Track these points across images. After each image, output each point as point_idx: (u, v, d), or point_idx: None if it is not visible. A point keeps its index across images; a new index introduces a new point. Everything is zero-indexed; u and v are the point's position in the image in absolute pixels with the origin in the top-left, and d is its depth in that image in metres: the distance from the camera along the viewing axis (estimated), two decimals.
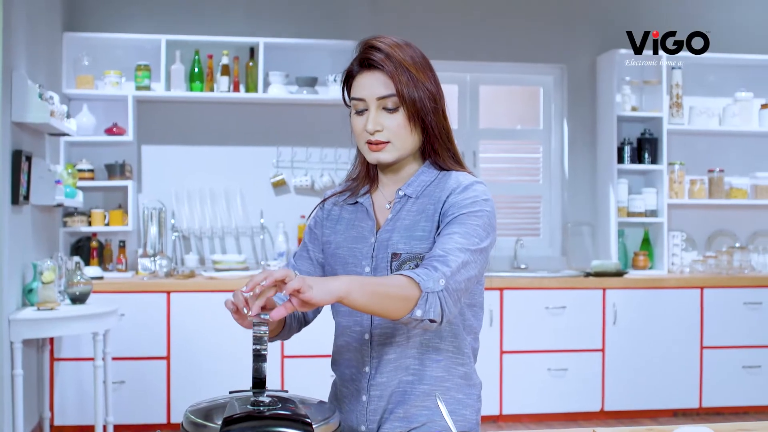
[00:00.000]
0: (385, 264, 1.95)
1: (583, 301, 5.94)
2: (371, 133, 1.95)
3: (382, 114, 1.94)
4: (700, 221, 6.75)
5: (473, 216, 1.90)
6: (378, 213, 2.05)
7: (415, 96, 1.93)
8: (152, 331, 5.51)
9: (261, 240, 6.27)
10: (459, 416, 2.01)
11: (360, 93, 1.96)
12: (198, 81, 6.02)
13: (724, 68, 6.71)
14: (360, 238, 2.03)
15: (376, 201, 2.07)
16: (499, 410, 5.82)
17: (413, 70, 1.93)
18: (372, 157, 1.99)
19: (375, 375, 1.99)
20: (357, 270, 2.00)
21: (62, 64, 5.87)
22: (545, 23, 6.60)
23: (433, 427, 1.98)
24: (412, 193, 2.01)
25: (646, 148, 6.44)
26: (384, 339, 1.97)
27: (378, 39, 1.97)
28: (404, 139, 1.96)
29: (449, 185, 1.98)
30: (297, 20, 6.31)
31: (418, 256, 1.92)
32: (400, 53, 1.94)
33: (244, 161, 6.30)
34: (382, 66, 1.92)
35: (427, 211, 1.98)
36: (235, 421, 1.53)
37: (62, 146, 5.82)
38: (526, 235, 6.72)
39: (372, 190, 2.09)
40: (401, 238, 1.96)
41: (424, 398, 1.98)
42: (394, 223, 2.00)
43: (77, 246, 6.01)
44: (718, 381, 6.06)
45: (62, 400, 5.46)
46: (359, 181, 2.10)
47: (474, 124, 6.65)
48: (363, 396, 2.00)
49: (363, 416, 2.01)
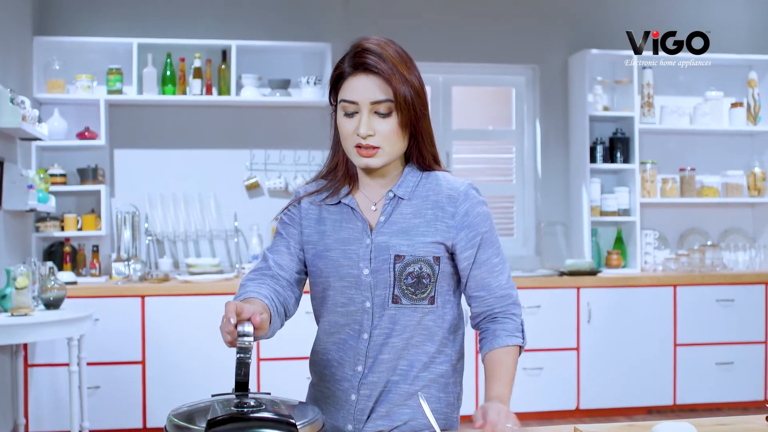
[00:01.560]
0: (387, 266, 1.97)
1: (557, 300, 5.97)
2: (363, 138, 1.94)
3: (374, 118, 1.93)
4: (672, 220, 6.80)
5: (491, 228, 2.07)
6: (365, 214, 2.04)
7: (409, 99, 1.93)
8: (127, 336, 5.48)
9: (235, 243, 6.25)
10: (440, 414, 2.03)
11: (352, 96, 1.93)
12: (170, 84, 6.00)
13: (695, 68, 6.75)
14: (353, 240, 2.02)
15: (360, 202, 2.06)
16: (475, 409, 5.82)
17: (404, 69, 1.94)
18: (361, 162, 1.97)
19: (368, 374, 2.00)
20: (353, 272, 1.99)
21: (33, 68, 5.83)
22: (517, 24, 6.63)
23: (416, 426, 2.00)
24: (403, 195, 2.02)
25: (618, 147, 6.48)
26: (382, 339, 1.99)
27: (367, 40, 1.96)
28: (394, 144, 1.96)
29: (443, 190, 2.03)
30: (269, 22, 6.30)
31: (421, 259, 1.97)
32: (391, 52, 1.95)
33: (217, 164, 6.28)
34: (378, 70, 1.91)
35: (425, 215, 2.01)
36: (219, 423, 1.52)
37: (34, 151, 5.77)
38: (500, 235, 6.67)
39: (353, 191, 2.07)
40: (402, 241, 1.98)
41: (407, 397, 2.01)
42: (390, 226, 2.00)
43: (50, 251, 5.98)
44: (691, 378, 6.11)
45: (37, 406, 5.42)
46: (339, 181, 2.07)
47: (447, 125, 6.67)
48: (352, 395, 2.02)
49: (351, 415, 2.02)
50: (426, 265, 1.97)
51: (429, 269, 1.97)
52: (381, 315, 1.98)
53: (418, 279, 1.97)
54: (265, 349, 5.57)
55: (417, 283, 1.97)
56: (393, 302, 1.97)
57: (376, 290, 1.98)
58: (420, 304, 1.98)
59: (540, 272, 6.30)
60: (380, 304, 1.98)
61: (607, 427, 1.90)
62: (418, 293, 1.98)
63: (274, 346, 5.54)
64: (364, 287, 1.99)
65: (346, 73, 1.95)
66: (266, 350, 5.57)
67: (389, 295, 1.97)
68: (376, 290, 1.98)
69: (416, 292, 1.97)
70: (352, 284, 2.00)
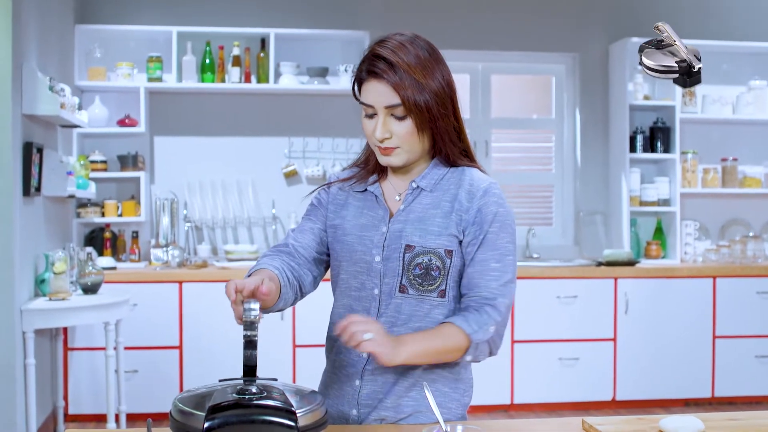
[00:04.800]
0: (398, 255, 1.98)
1: (594, 290, 5.94)
2: (380, 141, 1.97)
3: (391, 121, 1.95)
4: (713, 210, 6.72)
5: (502, 231, 2.00)
6: (389, 203, 2.06)
7: (422, 104, 1.92)
8: (165, 321, 5.55)
9: (273, 230, 6.29)
10: (444, 408, 2.01)
11: (368, 99, 1.96)
12: (209, 72, 6.04)
13: (738, 56, 6.67)
14: (370, 227, 2.05)
15: (386, 191, 2.08)
16: (510, 399, 5.83)
17: (419, 75, 1.91)
18: (383, 161, 2.01)
19: (371, 361, 2.01)
20: (366, 258, 2.02)
21: (74, 56, 5.91)
22: (557, 12, 6.58)
23: (420, 418, 2.01)
24: (426, 186, 2.02)
25: (659, 137, 6.41)
26: (387, 328, 1.97)
27: (383, 44, 1.95)
28: (413, 144, 1.97)
29: (465, 185, 2.01)
30: (307, 10, 6.31)
31: (432, 251, 1.96)
32: (405, 57, 1.92)
33: (255, 152, 6.32)
34: (386, 77, 1.91)
35: (443, 207, 2.00)
36: (220, 410, 1.55)
37: (75, 138, 5.86)
38: (539, 224, 6.71)
39: (381, 179, 2.10)
40: (415, 230, 1.99)
41: (411, 389, 2.00)
42: (407, 215, 2.02)
43: (91, 237, 6.06)
44: (730, 370, 6.04)
45: (76, 390, 5.51)
46: (370, 171, 2.11)
47: (486, 114, 6.65)
48: (356, 380, 2.03)
49: (355, 400, 2.03)
50: (436, 257, 1.96)
51: (439, 262, 1.97)
52: (388, 303, 1.99)
53: (427, 270, 1.96)
54: (300, 336, 5.61)
55: (425, 274, 1.97)
56: (400, 291, 1.98)
57: (385, 278, 1.99)
58: (428, 297, 1.98)
59: (578, 262, 6.27)
60: (388, 292, 1.99)
61: (615, 419, 1.90)
62: (425, 285, 1.97)
63: (308, 333, 5.59)
64: (374, 274, 2.00)
65: (363, 77, 1.97)
66: (301, 337, 5.61)
67: (397, 284, 1.98)
68: (385, 278, 1.99)
69: (423, 284, 1.97)
70: (364, 270, 2.02)
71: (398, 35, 1.96)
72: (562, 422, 1.98)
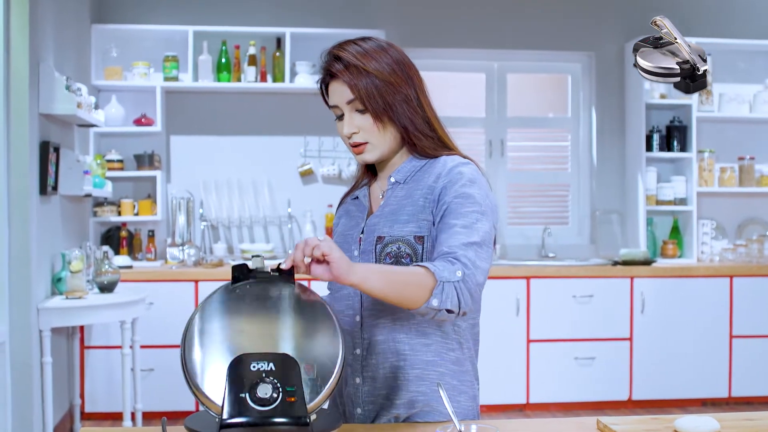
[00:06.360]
0: (371, 248, 2.01)
1: (610, 289, 5.92)
2: (348, 137, 2.02)
3: (356, 116, 2.01)
4: (730, 209, 6.68)
5: (467, 202, 1.93)
6: (373, 202, 2.12)
7: (373, 90, 1.97)
8: (181, 320, 5.49)
9: (289, 229, 6.30)
10: (454, 402, 2.01)
11: (333, 101, 2.03)
12: (225, 71, 6.06)
13: (756, 54, 6.63)
14: (353, 226, 2.11)
15: (373, 192, 2.15)
16: (526, 398, 5.82)
17: (364, 63, 1.97)
18: (358, 159, 2.07)
19: (366, 356, 2.02)
20: (347, 254, 2.04)
21: (91, 55, 5.93)
22: (573, 10, 6.56)
23: (432, 414, 2.00)
24: (400, 179, 2.06)
25: (675, 135, 6.39)
26: (373, 320, 2.01)
27: (339, 48, 2.01)
28: (378, 137, 2.02)
29: (436, 170, 2.02)
30: (323, 10, 6.32)
31: (400, 239, 1.98)
32: (351, 50, 1.99)
33: (271, 151, 6.33)
34: (335, 71, 1.99)
35: (414, 196, 2.02)
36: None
37: (92, 137, 5.89)
38: (555, 223, 6.69)
39: (371, 183, 2.17)
40: (386, 222, 2.01)
41: (418, 383, 2.00)
42: (383, 209, 2.05)
43: (107, 235, 6.09)
44: (747, 370, 6.01)
45: (93, 388, 5.54)
46: (363, 176, 2.19)
47: (502, 113, 6.64)
48: (357, 378, 2.04)
49: (358, 398, 2.04)
50: (405, 244, 1.97)
51: (409, 248, 1.96)
52: (368, 296, 2.00)
53: (397, 258, 1.97)
54: None
55: (396, 262, 1.96)
56: None
57: None
58: None
59: (594, 261, 6.25)
60: None
61: (630, 419, 1.89)
62: None
63: None
64: None
65: (327, 82, 2.05)
66: None
67: None
68: None
69: None
70: None
71: (360, 43, 2.03)
72: (577, 422, 1.98)
